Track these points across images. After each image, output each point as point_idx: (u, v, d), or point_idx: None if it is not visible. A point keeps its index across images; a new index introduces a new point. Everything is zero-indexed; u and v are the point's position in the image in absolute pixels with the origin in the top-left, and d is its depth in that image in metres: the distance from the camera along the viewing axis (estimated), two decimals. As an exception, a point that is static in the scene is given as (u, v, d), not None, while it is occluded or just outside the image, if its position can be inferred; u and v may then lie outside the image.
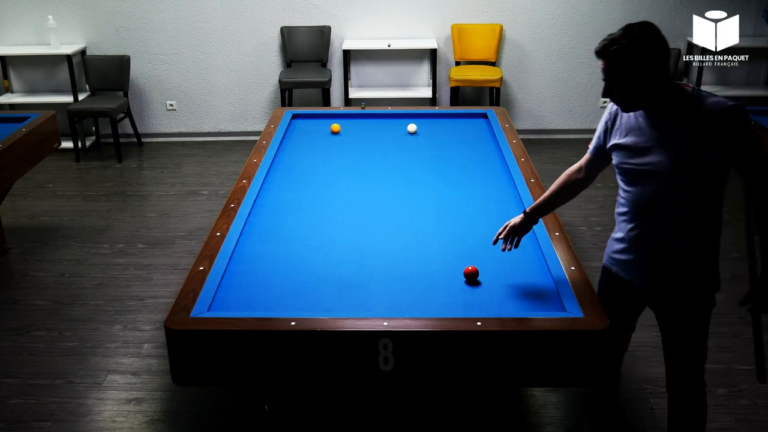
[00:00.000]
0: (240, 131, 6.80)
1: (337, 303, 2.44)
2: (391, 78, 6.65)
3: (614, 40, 2.07)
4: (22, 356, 3.53)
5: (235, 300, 2.46)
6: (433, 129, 4.31)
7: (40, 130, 4.46)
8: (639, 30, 2.07)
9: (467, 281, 2.54)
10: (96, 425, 3.06)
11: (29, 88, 6.63)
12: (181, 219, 5.09)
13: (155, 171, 6.07)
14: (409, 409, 3.04)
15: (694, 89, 2.16)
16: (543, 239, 2.81)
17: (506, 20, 6.42)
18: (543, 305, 2.40)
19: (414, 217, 3.13)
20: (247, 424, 3.03)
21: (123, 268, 4.39)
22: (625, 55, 2.05)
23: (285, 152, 3.92)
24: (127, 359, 3.49)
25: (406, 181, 3.52)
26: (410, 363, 2.25)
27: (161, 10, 6.42)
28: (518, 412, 3.08)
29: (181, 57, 6.57)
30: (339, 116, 4.56)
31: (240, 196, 3.25)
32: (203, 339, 2.25)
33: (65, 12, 6.40)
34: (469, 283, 2.54)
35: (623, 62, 2.06)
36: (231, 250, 2.77)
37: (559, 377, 2.34)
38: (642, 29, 2.08)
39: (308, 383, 2.62)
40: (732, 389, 3.19)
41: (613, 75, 2.09)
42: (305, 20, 6.45)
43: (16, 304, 4.01)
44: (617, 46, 2.05)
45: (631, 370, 3.26)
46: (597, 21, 6.40)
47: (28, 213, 5.22)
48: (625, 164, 2.25)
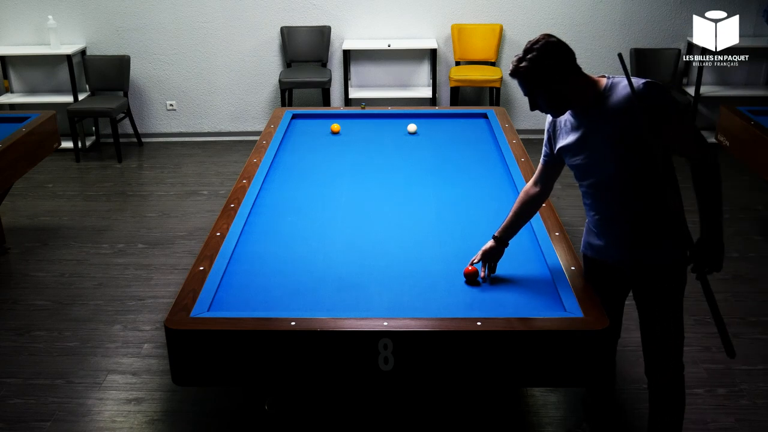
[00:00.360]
0: (240, 131, 6.80)
1: (336, 303, 2.44)
2: (391, 78, 6.65)
3: (521, 58, 2.21)
4: (22, 356, 3.53)
5: (235, 300, 2.46)
6: (433, 129, 4.31)
7: (40, 130, 4.46)
8: (539, 42, 2.20)
9: (467, 281, 2.55)
10: (96, 425, 3.06)
11: (29, 88, 6.63)
12: (181, 219, 5.09)
13: (155, 171, 6.07)
14: (409, 409, 3.04)
15: (608, 78, 2.28)
16: (543, 239, 2.81)
17: (506, 20, 6.42)
18: (543, 305, 2.40)
19: (414, 216, 3.13)
20: (247, 424, 3.02)
21: (123, 268, 4.39)
22: (535, 67, 2.19)
23: (285, 152, 3.92)
24: (127, 359, 3.49)
25: (406, 181, 3.52)
26: (410, 363, 2.25)
27: (161, 10, 6.42)
28: (518, 412, 3.08)
29: (181, 57, 6.57)
30: (339, 116, 4.56)
31: (240, 196, 3.25)
32: (203, 339, 2.25)
33: (65, 12, 6.40)
34: (469, 283, 2.54)
35: (536, 74, 2.20)
36: (231, 250, 2.77)
37: (559, 377, 2.34)
38: (541, 41, 2.21)
39: (308, 383, 2.62)
40: (732, 389, 3.19)
41: (532, 87, 2.23)
42: (305, 20, 6.45)
43: (16, 304, 4.01)
44: (525, 62, 2.20)
45: (631, 370, 3.26)
46: (597, 21, 6.40)
47: (28, 213, 5.21)
48: (571, 163, 2.40)
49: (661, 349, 2.43)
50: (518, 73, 2.22)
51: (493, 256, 2.59)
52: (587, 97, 2.26)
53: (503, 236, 2.60)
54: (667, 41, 6.41)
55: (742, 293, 3.99)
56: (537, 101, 2.28)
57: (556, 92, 2.23)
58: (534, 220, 2.95)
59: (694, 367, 3.32)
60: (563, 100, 2.26)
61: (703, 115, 6.59)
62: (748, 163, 4.53)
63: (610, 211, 2.37)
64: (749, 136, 4.32)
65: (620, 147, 2.24)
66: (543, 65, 2.18)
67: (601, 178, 2.32)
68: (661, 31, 6.42)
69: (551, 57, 2.18)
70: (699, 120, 6.50)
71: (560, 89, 2.22)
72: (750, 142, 4.32)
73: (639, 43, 6.41)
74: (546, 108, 2.29)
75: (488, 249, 2.58)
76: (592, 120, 2.27)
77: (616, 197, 2.33)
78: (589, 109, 2.27)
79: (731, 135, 4.56)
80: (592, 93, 2.26)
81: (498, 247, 2.59)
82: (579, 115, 2.31)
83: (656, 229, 2.32)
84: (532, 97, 2.27)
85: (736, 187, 5.49)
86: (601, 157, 2.28)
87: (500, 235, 2.59)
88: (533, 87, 2.23)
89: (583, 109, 2.29)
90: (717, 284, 4.03)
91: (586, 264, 2.57)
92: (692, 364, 3.35)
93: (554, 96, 2.24)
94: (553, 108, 2.29)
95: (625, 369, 3.24)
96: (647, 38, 6.42)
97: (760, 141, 4.17)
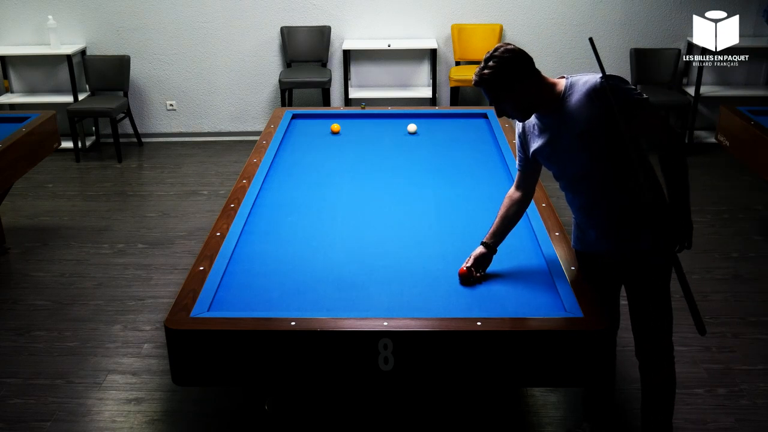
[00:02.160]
0: (240, 131, 6.80)
1: (336, 303, 2.44)
2: (391, 78, 6.65)
3: (483, 68, 2.28)
4: (22, 356, 3.53)
5: (235, 300, 2.46)
6: (433, 129, 4.31)
7: (40, 130, 4.46)
8: (499, 50, 2.28)
9: (462, 282, 2.55)
10: (96, 425, 3.06)
11: (29, 88, 6.63)
12: (181, 219, 5.09)
13: (155, 171, 6.07)
14: (409, 409, 3.04)
15: (567, 78, 2.36)
16: (543, 239, 2.81)
17: (506, 20, 6.42)
18: (543, 305, 2.40)
19: (414, 216, 3.13)
20: (247, 424, 3.02)
21: (123, 268, 4.39)
22: (498, 73, 2.26)
23: (285, 152, 3.92)
24: (127, 359, 3.49)
25: (406, 181, 3.52)
26: (410, 363, 2.25)
27: (161, 10, 6.42)
28: (518, 412, 3.08)
29: (181, 57, 6.57)
30: (339, 116, 4.56)
31: (240, 196, 3.25)
32: (203, 339, 2.25)
33: (65, 12, 6.40)
34: (463, 283, 2.55)
35: (499, 80, 2.26)
36: (231, 250, 2.77)
37: (559, 377, 2.34)
38: (501, 48, 2.29)
39: (308, 383, 2.63)
40: (732, 389, 3.19)
41: (496, 94, 2.30)
42: (305, 20, 6.45)
43: (16, 304, 4.01)
44: (488, 70, 2.27)
45: (631, 370, 3.25)
46: (597, 21, 6.40)
47: (28, 213, 5.21)
48: (546, 163, 2.48)
49: (650, 332, 2.50)
50: (482, 81, 2.29)
51: (483, 261, 2.61)
52: (551, 99, 2.33)
53: (492, 242, 2.62)
54: (667, 41, 6.41)
55: (742, 293, 3.99)
56: (503, 108, 2.34)
57: (520, 97, 2.30)
58: (534, 220, 2.95)
59: (694, 367, 3.33)
60: (528, 104, 2.33)
61: (703, 115, 6.59)
62: (748, 163, 4.53)
63: (590, 203, 2.44)
64: (749, 136, 4.31)
65: (589, 141, 2.30)
66: (505, 71, 2.25)
67: (576, 174, 2.40)
68: (661, 31, 6.42)
69: (511, 63, 2.26)
70: (699, 120, 6.50)
71: (524, 94, 2.29)
72: (750, 142, 4.32)
73: (639, 43, 6.41)
74: (513, 113, 2.36)
75: (479, 255, 2.60)
76: (559, 120, 2.34)
77: (593, 190, 2.40)
78: (554, 110, 2.34)
79: (731, 135, 4.56)
80: (555, 94, 2.33)
81: (488, 254, 2.61)
82: (545, 117, 2.38)
83: (636, 217, 2.38)
84: (498, 104, 2.33)
85: (736, 187, 5.50)
86: (572, 154, 2.35)
87: (489, 241, 2.62)
88: (498, 94, 2.30)
89: (548, 110, 2.35)
90: (717, 284, 4.06)
91: (579, 259, 2.61)
92: (692, 364, 3.35)
93: (519, 101, 2.31)
94: (519, 112, 2.36)
95: (625, 369, 3.24)
96: (647, 38, 6.42)
97: (760, 141, 4.17)
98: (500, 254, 2.65)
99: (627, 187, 2.35)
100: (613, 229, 2.43)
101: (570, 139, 2.33)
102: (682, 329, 3.06)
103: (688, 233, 2.39)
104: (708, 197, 5.28)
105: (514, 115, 2.37)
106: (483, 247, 2.61)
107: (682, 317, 2.71)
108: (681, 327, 2.94)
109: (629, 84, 2.28)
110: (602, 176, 2.35)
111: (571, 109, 2.30)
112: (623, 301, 2.68)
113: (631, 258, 2.45)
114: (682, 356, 3.28)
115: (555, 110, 2.34)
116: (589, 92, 2.27)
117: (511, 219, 2.65)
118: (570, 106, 2.31)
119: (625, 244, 2.43)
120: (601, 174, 2.35)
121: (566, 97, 2.32)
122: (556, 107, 2.33)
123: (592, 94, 2.26)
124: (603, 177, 2.35)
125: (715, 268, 4.26)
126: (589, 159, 2.33)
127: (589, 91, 2.27)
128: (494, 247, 2.62)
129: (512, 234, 2.70)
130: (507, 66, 2.26)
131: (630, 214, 2.38)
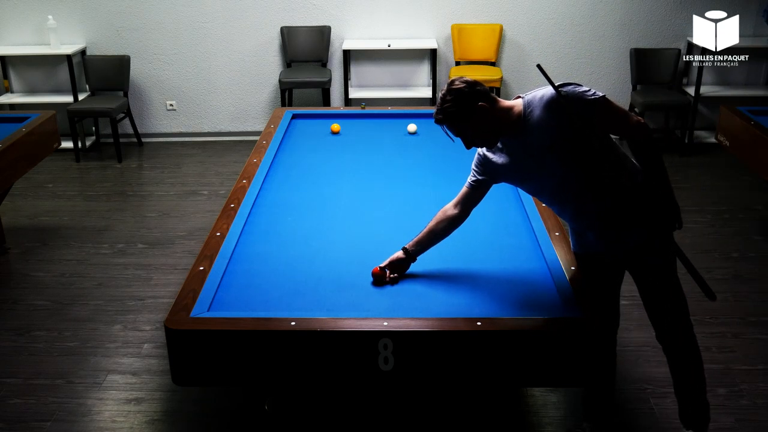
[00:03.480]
0: (240, 131, 6.80)
1: (336, 303, 2.44)
2: (391, 78, 6.65)
3: (441, 104, 2.32)
4: (22, 356, 3.53)
5: (235, 300, 2.46)
6: (433, 129, 4.28)
7: (40, 130, 4.46)
8: (452, 86, 2.33)
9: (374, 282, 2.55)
10: (96, 425, 3.06)
11: (29, 88, 6.63)
12: (181, 219, 5.09)
13: (155, 171, 6.07)
14: (409, 409, 3.04)
15: (523, 97, 2.38)
16: (543, 239, 2.81)
17: (506, 20, 6.42)
18: (543, 305, 2.40)
19: (414, 217, 3.12)
20: (247, 424, 3.03)
21: (123, 268, 4.39)
22: (456, 108, 2.30)
23: (285, 152, 3.92)
24: (127, 359, 3.49)
25: (406, 181, 3.52)
26: (410, 363, 2.25)
27: (161, 10, 6.42)
28: (518, 412, 3.08)
29: (181, 57, 6.57)
30: (339, 116, 4.56)
31: (240, 196, 3.25)
32: (203, 339, 2.25)
33: (65, 12, 6.40)
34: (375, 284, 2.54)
35: (458, 114, 2.30)
36: (231, 250, 2.77)
37: (559, 377, 2.34)
38: (452, 84, 2.33)
39: (308, 383, 2.63)
40: (732, 389, 3.19)
41: (460, 128, 2.34)
42: (305, 20, 6.45)
43: (16, 304, 4.01)
44: (447, 104, 2.31)
45: (631, 370, 3.26)
46: (597, 21, 6.40)
47: (28, 213, 5.22)
48: (520, 185, 2.54)
49: (667, 315, 2.55)
50: (444, 117, 2.32)
51: (400, 267, 2.59)
52: (512, 122, 2.35)
53: (413, 251, 2.60)
54: (667, 41, 6.41)
55: (742, 293, 3.99)
56: (468, 140, 2.37)
57: (482, 125, 2.32)
58: (534, 220, 2.95)
59: (694, 367, 3.33)
60: (491, 131, 2.36)
61: (703, 115, 6.59)
62: (748, 163, 4.53)
63: (578, 210, 2.45)
64: (749, 136, 4.31)
65: (559, 152, 2.32)
66: (465, 101, 2.29)
67: (554, 188, 2.41)
68: (661, 31, 6.42)
69: (469, 92, 2.30)
70: (699, 120, 6.50)
71: (487, 120, 2.31)
72: (750, 142, 4.32)
73: (639, 43, 6.41)
74: (479, 142, 2.39)
75: (396, 260, 2.58)
76: (524, 140, 2.36)
77: (576, 197, 2.41)
78: (518, 131, 2.36)
79: (731, 135, 4.56)
80: (515, 116, 2.35)
81: (406, 260, 2.59)
82: (511, 139, 2.39)
83: (627, 212, 2.41)
84: (464, 137, 2.36)
85: (736, 187, 5.50)
86: (546, 168, 2.36)
87: (410, 249, 2.60)
88: (460, 127, 2.33)
89: (512, 133, 2.37)
90: (717, 284, 4.05)
91: (581, 262, 2.61)
92: (692, 364, 3.35)
93: (481, 129, 2.34)
94: (485, 140, 2.39)
95: (625, 369, 3.24)
96: (647, 38, 6.42)
97: (760, 141, 4.17)
98: (500, 254, 2.65)
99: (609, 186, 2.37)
100: (609, 228, 2.45)
101: (541, 153, 2.34)
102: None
103: (675, 213, 2.42)
104: (708, 197, 5.29)
105: (480, 143, 2.40)
106: (403, 252, 2.60)
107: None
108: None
109: (582, 86, 2.31)
110: (580, 182, 2.37)
111: (535, 126, 2.32)
112: (624, 300, 2.68)
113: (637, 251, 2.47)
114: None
115: (519, 131, 2.35)
116: (547, 105, 2.29)
117: (438, 234, 2.62)
118: (533, 124, 2.33)
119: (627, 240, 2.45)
120: (579, 180, 2.37)
121: (527, 116, 2.34)
122: (519, 128, 2.35)
123: (552, 106, 2.29)
124: (581, 182, 2.37)
125: (715, 268, 4.26)
126: (563, 169, 2.35)
127: (546, 104, 2.30)
128: (414, 255, 2.60)
129: (512, 234, 2.70)
130: (464, 95, 2.29)
131: (617, 212, 2.41)
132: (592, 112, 2.26)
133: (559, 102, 2.27)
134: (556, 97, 2.27)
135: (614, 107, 2.31)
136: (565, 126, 2.28)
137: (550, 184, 2.41)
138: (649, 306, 2.57)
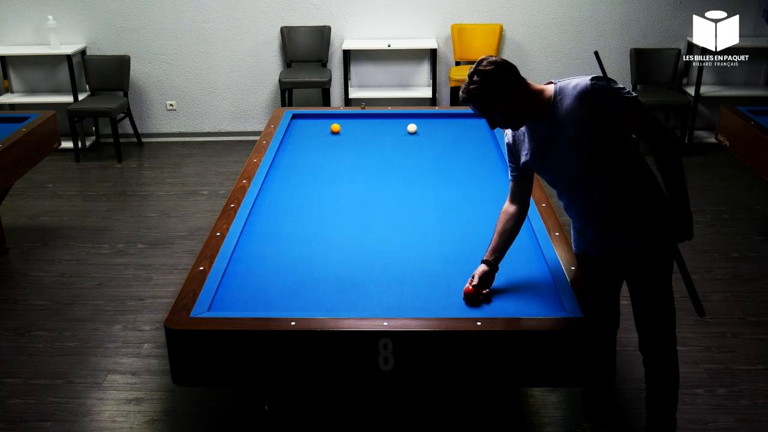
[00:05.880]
0: (240, 131, 6.80)
1: (336, 303, 2.44)
2: (391, 78, 6.65)
3: (469, 83, 2.28)
4: (22, 356, 3.53)
5: (235, 300, 2.46)
6: (433, 129, 4.31)
7: (40, 130, 4.46)
8: (482, 63, 2.29)
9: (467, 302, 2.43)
10: (96, 425, 3.06)
11: (29, 88, 6.63)
12: (181, 219, 5.09)
13: (155, 171, 6.07)
14: (409, 409, 3.04)
15: (555, 83, 2.36)
16: (543, 239, 2.81)
17: (506, 20, 6.42)
18: (543, 305, 2.40)
19: (414, 217, 3.13)
20: (247, 424, 3.03)
21: (123, 268, 4.39)
22: (485, 86, 2.25)
23: (285, 152, 3.92)
24: (127, 359, 3.49)
25: (406, 181, 3.52)
26: (410, 363, 2.25)
27: (161, 10, 6.42)
28: (518, 412, 3.08)
29: (181, 57, 6.57)
30: (339, 116, 4.56)
31: (240, 196, 3.25)
32: (203, 339, 2.25)
33: (65, 12, 6.40)
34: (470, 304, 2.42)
35: (487, 93, 2.26)
36: (231, 250, 2.77)
37: (559, 377, 2.34)
38: (483, 62, 2.29)
39: (308, 383, 2.62)
40: (732, 389, 3.19)
41: (487, 108, 2.29)
42: (305, 20, 6.45)
43: (16, 304, 4.01)
44: (474, 85, 2.26)
45: (631, 370, 3.26)
46: (597, 21, 6.40)
47: (28, 213, 5.22)
48: (538, 171, 2.49)
49: (653, 326, 2.53)
50: (470, 96, 2.28)
51: (488, 280, 2.50)
52: (540, 106, 2.33)
53: (493, 259, 2.53)
54: (667, 41, 6.41)
55: (742, 293, 3.99)
56: (494, 119, 2.33)
57: (509, 105, 2.29)
58: (534, 220, 2.95)
59: (694, 367, 3.33)
60: (518, 112, 2.32)
61: (703, 115, 6.59)
62: (748, 163, 4.53)
63: (587, 207, 2.44)
64: (749, 136, 4.31)
65: (582, 143, 2.31)
66: (490, 83, 2.25)
67: (569, 179, 2.40)
68: (661, 31, 6.42)
69: (496, 73, 2.26)
70: (699, 120, 6.50)
71: (512, 101, 2.28)
72: (750, 142, 4.32)
73: (639, 43, 6.41)
74: (505, 123, 2.36)
75: (482, 273, 2.49)
76: (550, 125, 2.34)
77: (589, 192, 2.40)
78: (545, 116, 2.34)
79: (731, 135, 4.56)
80: (544, 100, 2.34)
81: (491, 271, 2.51)
82: (536, 123, 2.38)
83: (635, 215, 2.40)
84: (489, 117, 2.32)
85: (736, 187, 5.50)
86: (566, 158, 2.35)
87: (490, 259, 2.52)
88: (487, 106, 2.29)
89: (539, 117, 2.35)
90: (717, 284, 4.06)
91: (581, 263, 2.60)
92: (692, 364, 3.35)
93: (509, 111, 2.30)
94: (511, 122, 2.35)
95: (625, 369, 3.24)
96: (647, 38, 6.42)
97: (760, 141, 4.17)
98: (500, 254, 2.65)
99: (623, 187, 2.37)
100: (614, 229, 2.44)
101: (563, 143, 2.33)
102: (683, 329, 3.06)
103: (688, 225, 2.41)
104: (708, 197, 5.29)
105: (506, 124, 2.36)
106: (485, 265, 2.51)
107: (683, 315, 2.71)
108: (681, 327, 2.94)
109: (618, 84, 2.30)
110: (597, 177, 2.36)
111: (563, 113, 2.31)
112: (624, 300, 2.68)
113: (635, 256, 2.46)
114: (683, 356, 3.28)
115: (546, 116, 2.34)
116: (580, 95, 2.28)
117: (509, 234, 2.58)
118: (561, 111, 2.31)
119: (628, 243, 2.45)
120: (596, 175, 2.36)
121: (556, 102, 2.32)
122: (546, 113, 2.34)
123: (584, 96, 2.27)
124: (598, 178, 2.36)
125: (715, 268, 4.26)
126: (583, 161, 2.34)
127: (579, 94, 2.28)
128: (495, 264, 2.52)
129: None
130: (492, 77, 2.26)
131: (626, 213, 2.40)
132: (622, 108, 2.25)
133: (593, 93, 2.25)
134: (590, 88, 2.26)
135: (644, 110, 2.30)
136: (593, 119, 2.27)
137: (567, 175, 2.40)
138: (637, 313, 2.56)
